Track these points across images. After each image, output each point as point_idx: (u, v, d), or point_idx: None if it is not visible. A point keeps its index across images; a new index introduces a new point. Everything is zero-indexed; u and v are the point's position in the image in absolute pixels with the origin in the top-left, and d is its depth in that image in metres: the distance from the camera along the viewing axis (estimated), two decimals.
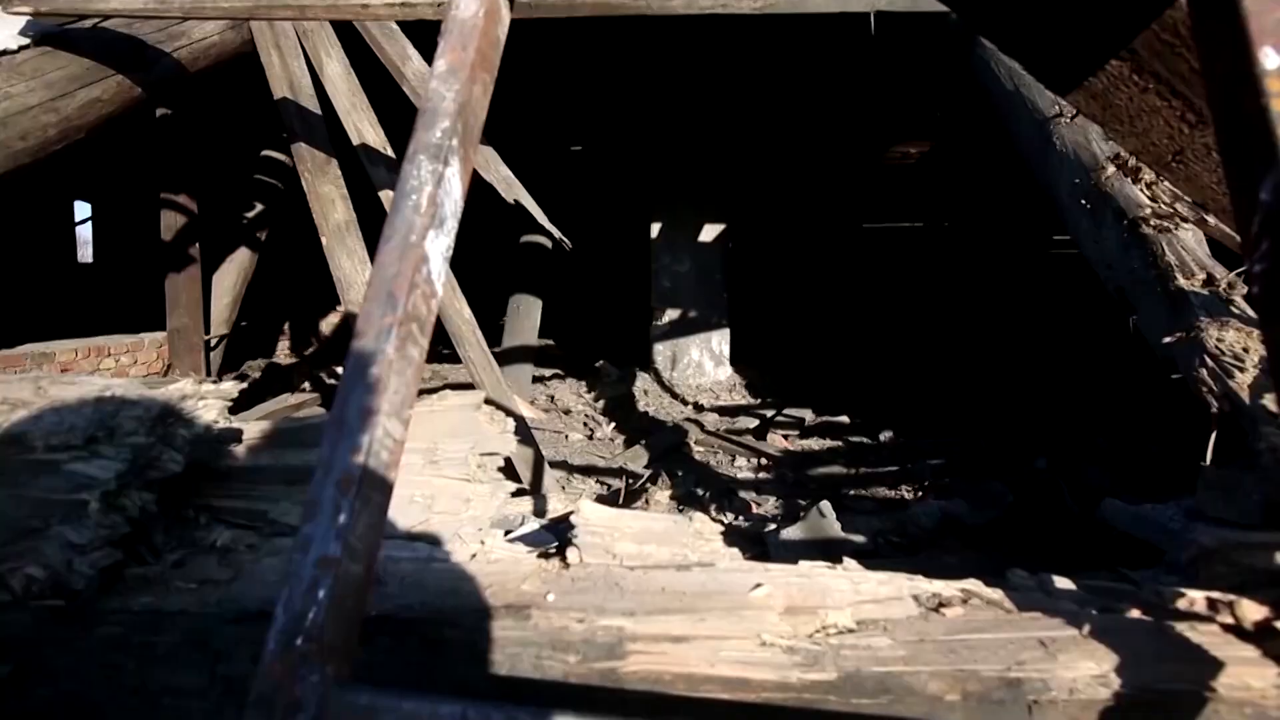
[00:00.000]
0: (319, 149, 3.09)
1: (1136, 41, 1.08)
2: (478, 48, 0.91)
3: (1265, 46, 0.80)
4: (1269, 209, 0.76)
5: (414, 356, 0.78)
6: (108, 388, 0.94)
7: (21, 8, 2.39)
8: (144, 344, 6.81)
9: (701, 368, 6.60)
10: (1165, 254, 1.89)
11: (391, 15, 2.55)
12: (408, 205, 0.80)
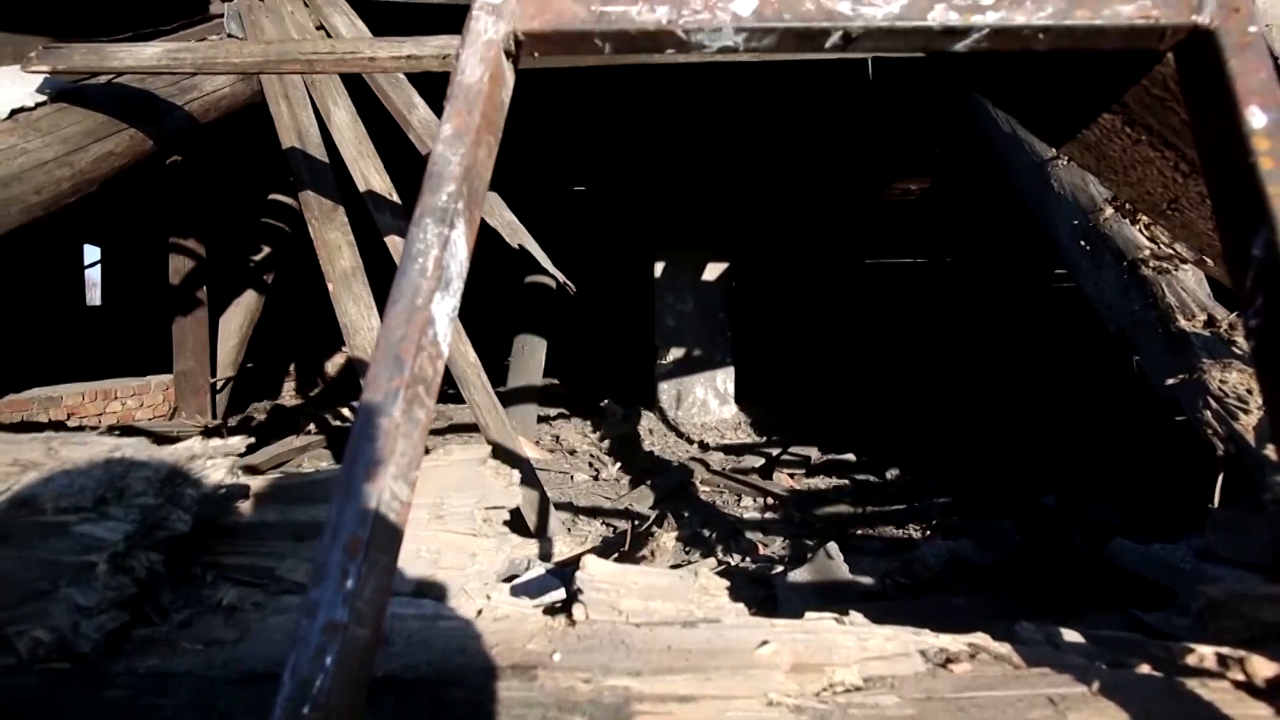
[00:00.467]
0: (326, 197, 3.13)
1: (1127, 96, 1.10)
2: (483, 112, 0.93)
3: (1251, 105, 0.82)
4: (1261, 264, 0.77)
5: (420, 418, 0.79)
6: (118, 448, 0.95)
7: (40, 66, 2.46)
8: (150, 387, 6.85)
9: (706, 406, 6.59)
10: (1165, 295, 1.90)
11: (398, 68, 2.60)
12: (414, 268, 0.82)
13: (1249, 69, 0.83)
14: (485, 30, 0.94)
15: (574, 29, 0.94)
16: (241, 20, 3.49)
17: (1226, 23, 0.86)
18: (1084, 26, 0.88)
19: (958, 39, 0.90)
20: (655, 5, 0.93)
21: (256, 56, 2.54)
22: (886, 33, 0.91)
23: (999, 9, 0.89)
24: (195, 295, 6.42)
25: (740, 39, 0.94)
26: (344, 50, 2.58)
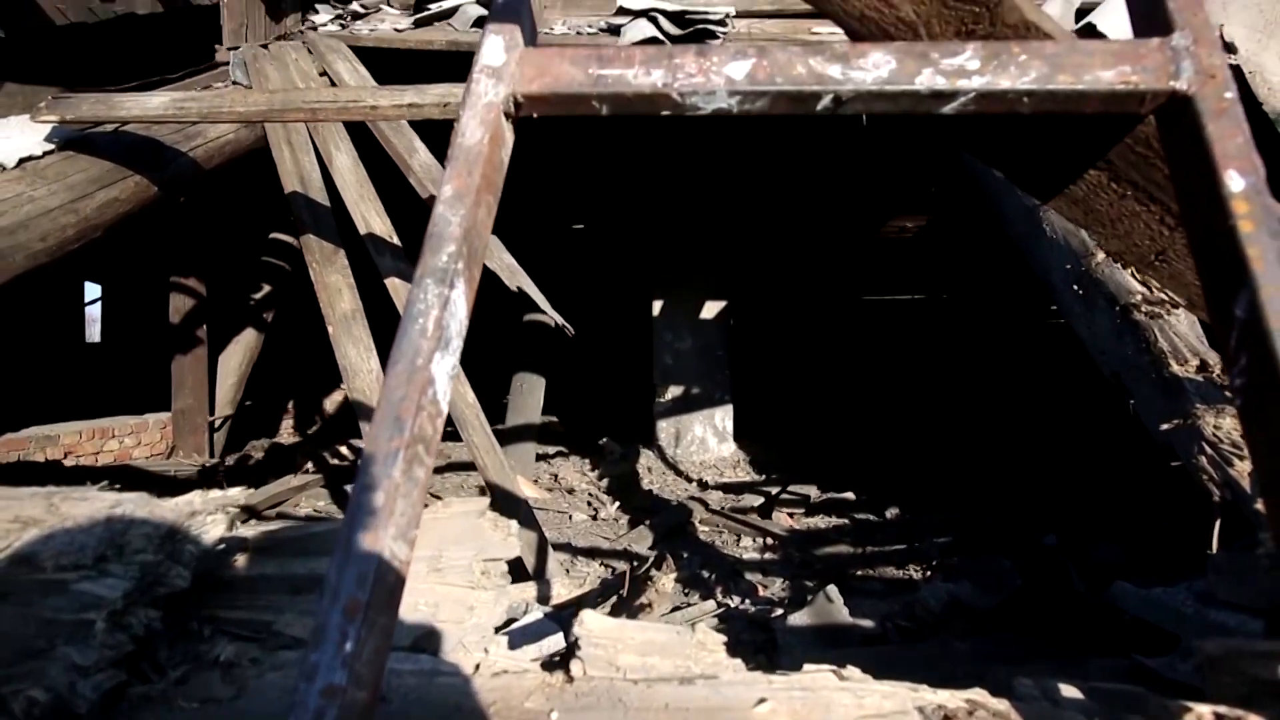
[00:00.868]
0: (327, 240, 3.17)
1: (1112, 153, 1.13)
2: (482, 173, 0.95)
3: (1230, 169, 0.84)
4: (1244, 324, 0.78)
5: (420, 477, 0.79)
6: (118, 503, 0.95)
7: (48, 116, 2.51)
8: (148, 425, 6.86)
9: (705, 444, 6.59)
10: (1158, 340, 1.92)
11: (399, 116, 2.65)
12: (415, 329, 0.83)
13: (1226, 134, 0.85)
14: (485, 93, 0.97)
15: (572, 91, 0.97)
16: (246, 68, 3.57)
17: (1203, 89, 0.88)
18: (1066, 91, 0.91)
19: (945, 102, 0.93)
20: (651, 69, 0.95)
21: (261, 105, 2.59)
22: (876, 96, 0.93)
23: (984, 74, 0.91)
24: (195, 334, 6.44)
25: (734, 101, 0.97)
26: (347, 99, 2.64)
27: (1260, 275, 0.77)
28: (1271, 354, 0.74)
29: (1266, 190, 0.82)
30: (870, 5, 0.98)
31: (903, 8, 0.99)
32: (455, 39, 3.91)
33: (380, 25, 4.31)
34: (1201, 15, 0.94)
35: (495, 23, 1.01)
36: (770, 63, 0.94)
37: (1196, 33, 0.93)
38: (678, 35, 3.69)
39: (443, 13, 4.21)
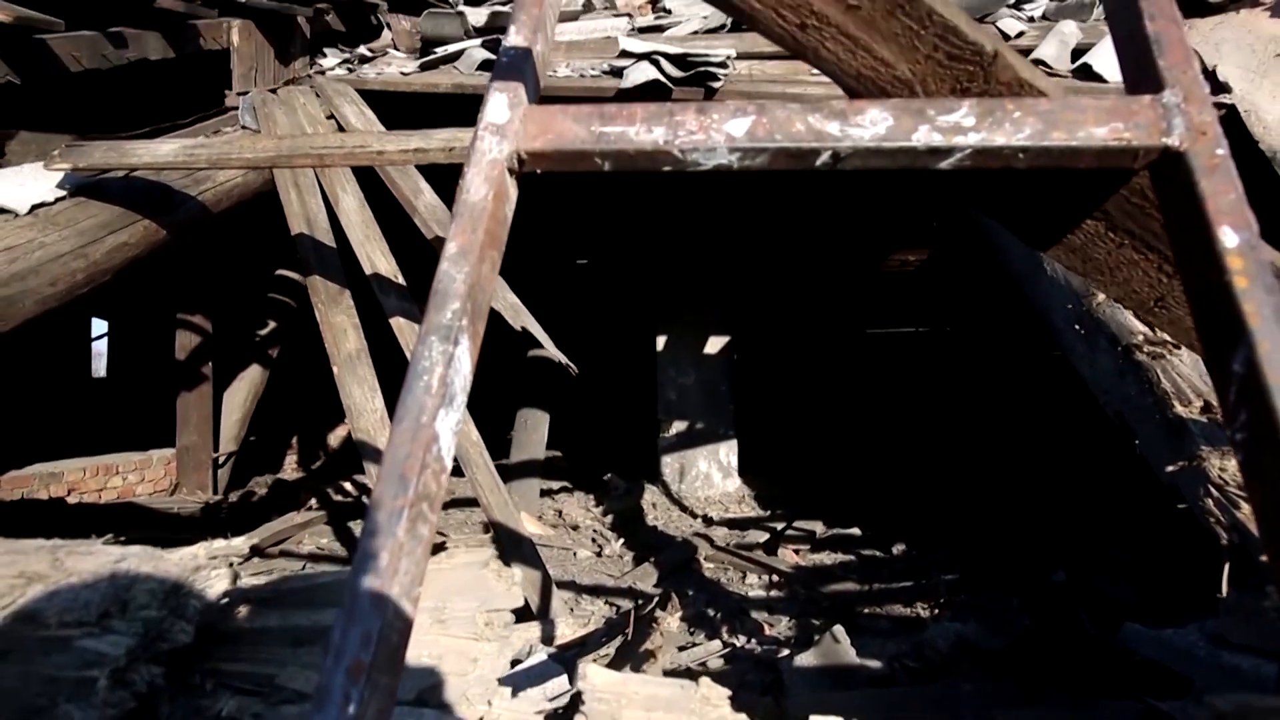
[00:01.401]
0: (333, 281, 3.20)
1: (1108, 204, 1.14)
2: (486, 229, 0.97)
3: (1223, 225, 0.85)
4: (1243, 379, 0.79)
5: (424, 534, 0.80)
6: (123, 558, 0.96)
7: (61, 164, 2.56)
8: (152, 461, 6.87)
9: (710, 479, 6.56)
10: (1160, 381, 1.92)
11: (405, 161, 2.69)
12: (419, 386, 0.84)
13: (1219, 190, 0.86)
14: (490, 150, 0.99)
15: (574, 148, 0.99)
16: (255, 112, 3.64)
17: (1195, 145, 0.90)
18: (1060, 147, 0.92)
19: (942, 158, 0.94)
20: (652, 126, 0.97)
21: (269, 151, 2.64)
22: (873, 152, 0.95)
23: (980, 130, 0.93)
24: (200, 370, 6.48)
25: (734, 158, 0.98)
26: (353, 144, 2.69)
27: (1257, 331, 0.78)
28: (1271, 410, 0.75)
29: (1261, 246, 0.83)
30: (867, 64, 1.00)
31: (899, 66, 1.01)
32: (460, 82, 3.99)
33: (387, 69, 4.39)
34: (1191, 73, 0.96)
35: (499, 80, 1.03)
36: (770, 120, 0.96)
37: (1187, 90, 0.94)
38: (680, 77, 3.75)
39: (448, 56, 4.29)
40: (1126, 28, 1.04)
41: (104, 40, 3.53)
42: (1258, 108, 3.19)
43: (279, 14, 4.40)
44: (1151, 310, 1.31)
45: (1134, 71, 1.02)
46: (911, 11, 0.95)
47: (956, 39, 0.97)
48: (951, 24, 0.96)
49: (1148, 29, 1.01)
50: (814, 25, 0.97)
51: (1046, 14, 4.46)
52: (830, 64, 1.01)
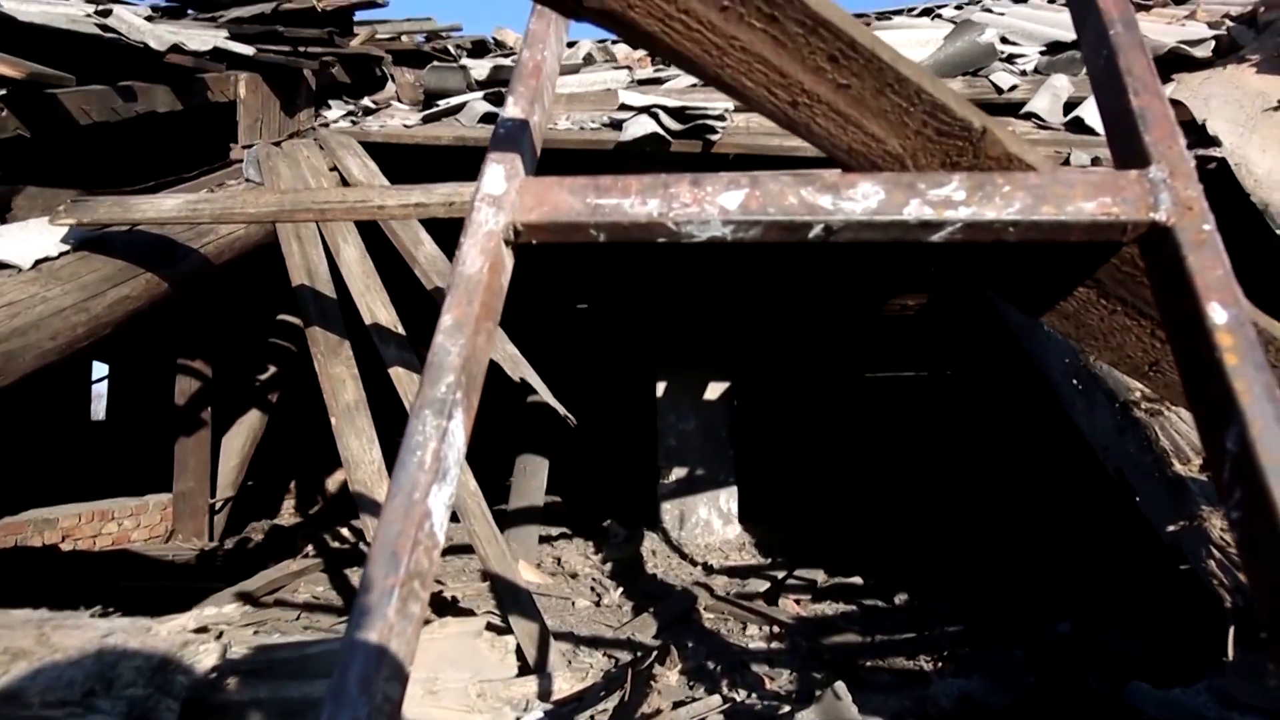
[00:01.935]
0: (332, 332, 3.22)
1: (1100, 273, 1.15)
2: (482, 301, 0.97)
3: (1212, 302, 0.85)
4: (1236, 458, 0.78)
5: (414, 612, 0.79)
6: (110, 632, 0.94)
7: (66, 220, 2.59)
8: (149, 506, 6.82)
9: (710, 526, 6.51)
10: (1159, 438, 1.92)
11: (406, 215, 2.73)
12: (412, 461, 0.84)
13: (1207, 265, 0.87)
14: (486, 221, 1.00)
15: (570, 220, 1.00)
16: (260, 165, 3.69)
17: (1182, 220, 0.91)
18: (1050, 221, 0.94)
19: (933, 231, 0.95)
20: (647, 199, 0.99)
21: (271, 206, 2.67)
22: (865, 226, 0.96)
23: (970, 205, 0.94)
24: (199, 415, 6.47)
25: (728, 230, 1.00)
26: (355, 199, 2.72)
27: (1248, 409, 0.78)
28: (1265, 489, 0.74)
29: (1249, 323, 0.83)
30: (858, 139, 1.02)
31: (889, 141, 1.02)
32: (462, 134, 4.05)
33: (390, 121, 4.46)
34: (1176, 148, 0.97)
35: (497, 151, 1.04)
36: (763, 193, 0.97)
37: (1172, 165, 0.96)
38: (678, 130, 3.82)
39: (450, 109, 4.37)
40: (1112, 103, 1.06)
41: (113, 94, 3.60)
42: (1248, 161, 3.24)
43: (286, 67, 4.49)
44: (1146, 375, 1.31)
45: (1121, 146, 1.04)
46: (900, 90, 0.97)
47: (945, 116, 0.99)
48: (940, 102, 0.98)
49: (1132, 104, 1.03)
50: (805, 103, 0.98)
51: (1038, 68, 4.55)
52: (822, 139, 1.02)
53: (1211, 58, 3.98)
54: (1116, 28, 1.12)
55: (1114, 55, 1.07)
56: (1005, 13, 5.80)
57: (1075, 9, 1.26)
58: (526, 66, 1.21)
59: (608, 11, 0.90)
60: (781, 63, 0.94)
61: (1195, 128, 3.61)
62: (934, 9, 6.71)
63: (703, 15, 0.91)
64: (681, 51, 0.94)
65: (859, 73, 0.94)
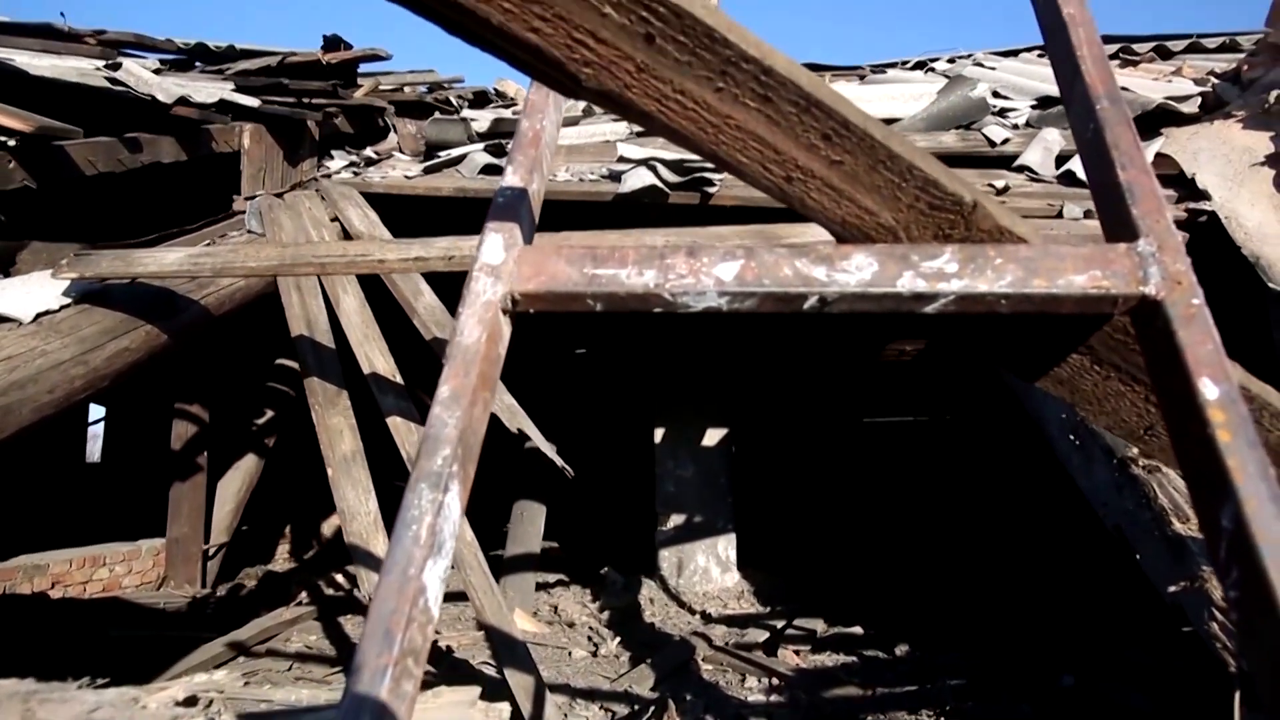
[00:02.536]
0: (331, 382, 3.23)
1: (1092, 340, 1.16)
2: (479, 371, 0.98)
3: (1203, 377, 0.86)
4: (1232, 535, 0.78)
5: (408, 691, 0.78)
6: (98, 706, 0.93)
7: (69, 274, 2.62)
8: (141, 552, 6.74)
9: (708, 574, 6.44)
10: (1158, 496, 1.91)
11: (406, 269, 2.75)
12: (407, 536, 0.83)
13: (1197, 340, 0.88)
14: (484, 291, 1.01)
15: (567, 290, 1.01)
16: (262, 217, 3.74)
17: (1171, 294, 0.92)
18: (1042, 294, 0.95)
19: (926, 303, 0.97)
20: (643, 269, 1.00)
21: (272, 260, 2.70)
22: (859, 297, 0.97)
23: (962, 277, 0.95)
24: (195, 460, 6.44)
25: (724, 301, 1.01)
26: (355, 253, 2.75)
27: (1242, 488, 0.78)
28: (1261, 570, 0.74)
29: (1241, 400, 0.84)
30: (852, 213, 1.03)
31: (883, 215, 1.04)
32: (463, 185, 4.11)
33: (391, 172, 4.53)
34: (1164, 222, 0.99)
35: (495, 220, 1.06)
36: (758, 264, 0.99)
37: (1160, 239, 0.97)
38: (676, 182, 3.87)
39: (451, 160, 4.43)
40: (1101, 176, 1.08)
41: (119, 145, 3.66)
42: (1238, 214, 3.28)
43: (290, 119, 4.56)
44: (1141, 438, 1.31)
45: (1110, 219, 1.05)
46: (893, 167, 0.99)
47: (937, 190, 1.01)
48: (931, 178, 1.00)
49: (1120, 178, 1.05)
50: (799, 178, 1.00)
51: (1029, 121, 4.63)
52: (816, 212, 1.04)
53: (1198, 113, 4.06)
54: (1103, 102, 1.15)
55: (1101, 129, 1.10)
56: (996, 67, 5.92)
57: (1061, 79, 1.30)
58: (526, 135, 1.24)
59: (605, 92, 0.92)
60: (776, 140, 0.96)
61: (1185, 181, 3.67)
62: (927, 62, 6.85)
63: (698, 95, 0.93)
64: (678, 129, 0.96)
65: (852, 150, 0.96)
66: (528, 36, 0.87)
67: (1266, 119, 3.66)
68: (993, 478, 8.29)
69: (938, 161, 1.01)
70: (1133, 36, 6.69)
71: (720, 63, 0.88)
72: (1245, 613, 0.79)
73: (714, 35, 0.87)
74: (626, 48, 0.87)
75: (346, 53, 5.68)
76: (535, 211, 1.18)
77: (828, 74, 7.77)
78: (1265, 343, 3.38)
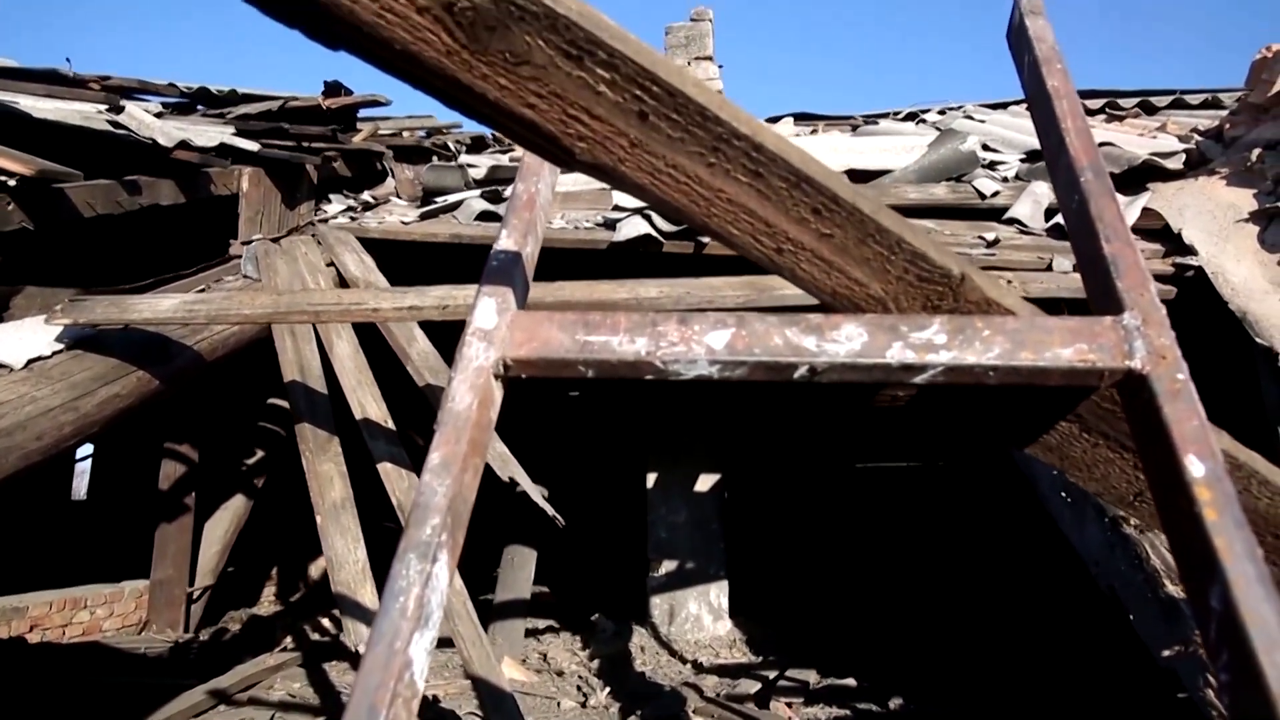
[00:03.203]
0: (322, 428, 3.21)
1: (1080, 408, 1.17)
2: (470, 438, 0.98)
3: (1189, 454, 0.86)
4: (1221, 618, 0.78)
5: None
6: None
7: (62, 320, 2.62)
8: (123, 594, 6.63)
9: (700, 622, 6.35)
10: (1150, 557, 1.91)
11: (400, 318, 2.77)
12: (395, 608, 0.83)
13: (1181, 416, 0.88)
14: (476, 356, 1.01)
15: (559, 357, 1.02)
16: (258, 262, 3.76)
17: (1157, 369, 0.93)
18: (1029, 366, 0.95)
19: (915, 374, 0.97)
20: (635, 337, 1.01)
21: (267, 308, 2.71)
22: (849, 368, 0.98)
23: (951, 349, 0.96)
24: (183, 501, 6.37)
25: (715, 370, 1.01)
26: (349, 302, 2.76)
27: (1230, 569, 0.78)
28: (1250, 654, 0.74)
29: (1226, 477, 0.84)
30: (842, 284, 1.04)
31: (872, 286, 1.05)
32: (458, 232, 4.14)
33: (388, 218, 4.56)
34: (1148, 295, 1.00)
35: (489, 284, 1.06)
36: (749, 333, 0.99)
37: (1145, 312, 0.99)
38: (670, 231, 3.91)
39: (447, 206, 4.47)
40: (1086, 248, 1.10)
41: (119, 187, 3.68)
42: (1224, 269, 3.33)
43: (289, 163, 4.61)
44: (1132, 504, 1.31)
45: (1096, 291, 1.07)
46: (882, 240, 1.00)
47: (925, 263, 1.02)
48: (920, 251, 1.01)
49: (1105, 250, 1.06)
50: (790, 250, 1.01)
51: (1019, 174, 4.71)
52: (807, 282, 1.05)
53: (1183, 170, 4.14)
54: (1087, 174, 1.17)
55: (1085, 201, 1.12)
56: (985, 119, 6.04)
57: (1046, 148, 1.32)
58: (520, 199, 1.26)
59: (599, 165, 0.94)
60: (766, 214, 0.98)
61: (1172, 236, 3.73)
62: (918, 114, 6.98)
63: (690, 170, 0.95)
64: (670, 201, 0.98)
65: (842, 224, 0.97)
66: (523, 112, 0.89)
67: (1249, 176, 3.73)
68: (987, 525, 8.25)
69: (926, 234, 1.03)
70: (1118, 91, 6.83)
71: (712, 139, 0.90)
72: (1236, 696, 0.78)
73: (706, 113, 0.89)
74: (620, 124, 0.89)
75: (347, 98, 5.77)
76: (529, 274, 1.19)
77: (821, 123, 7.91)
78: (1254, 396, 3.41)
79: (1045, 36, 1.41)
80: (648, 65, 0.86)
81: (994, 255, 3.71)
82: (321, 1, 0.79)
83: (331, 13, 0.80)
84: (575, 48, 0.83)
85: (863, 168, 4.85)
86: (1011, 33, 1.51)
